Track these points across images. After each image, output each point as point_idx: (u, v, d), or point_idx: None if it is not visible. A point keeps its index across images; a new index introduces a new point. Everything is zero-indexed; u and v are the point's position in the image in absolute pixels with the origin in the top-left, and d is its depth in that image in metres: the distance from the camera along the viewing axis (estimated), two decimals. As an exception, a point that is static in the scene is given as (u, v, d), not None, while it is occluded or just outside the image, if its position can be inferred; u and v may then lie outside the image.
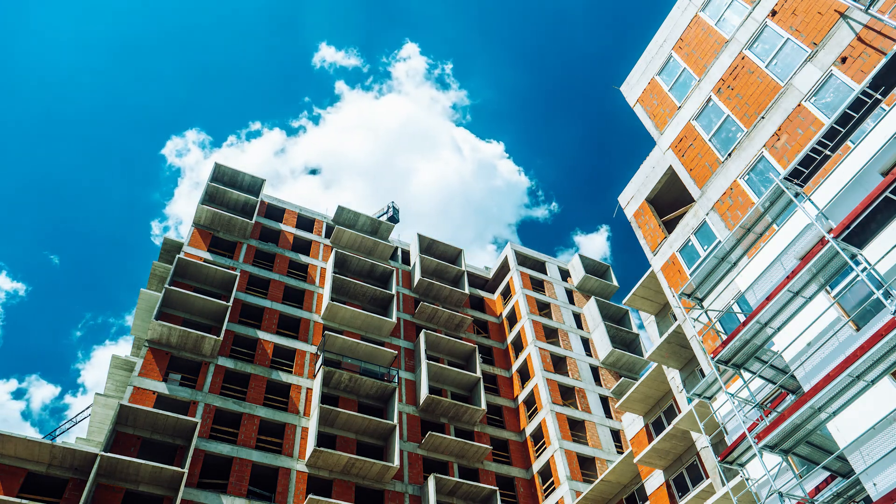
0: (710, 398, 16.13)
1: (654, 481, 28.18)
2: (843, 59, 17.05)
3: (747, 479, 14.22)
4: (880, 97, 12.81)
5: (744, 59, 20.68)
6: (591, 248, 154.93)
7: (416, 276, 48.02)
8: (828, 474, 13.36)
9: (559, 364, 45.25)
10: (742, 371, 14.69)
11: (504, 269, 53.90)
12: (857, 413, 11.62)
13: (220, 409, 32.99)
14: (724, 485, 23.18)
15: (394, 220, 54.85)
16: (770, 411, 14.97)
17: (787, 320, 13.31)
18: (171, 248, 41.54)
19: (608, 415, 43.40)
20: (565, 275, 54.87)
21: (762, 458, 13.42)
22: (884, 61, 12.65)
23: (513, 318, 49.83)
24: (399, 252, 51.46)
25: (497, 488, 35.62)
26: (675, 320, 26.05)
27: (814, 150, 13.72)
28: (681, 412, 27.09)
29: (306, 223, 49.07)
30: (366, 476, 33.62)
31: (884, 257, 11.58)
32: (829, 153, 13.73)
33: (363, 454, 35.87)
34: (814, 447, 12.98)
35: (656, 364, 27.62)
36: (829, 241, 11.87)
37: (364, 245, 47.92)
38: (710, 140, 21.45)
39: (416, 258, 49.62)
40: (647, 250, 24.44)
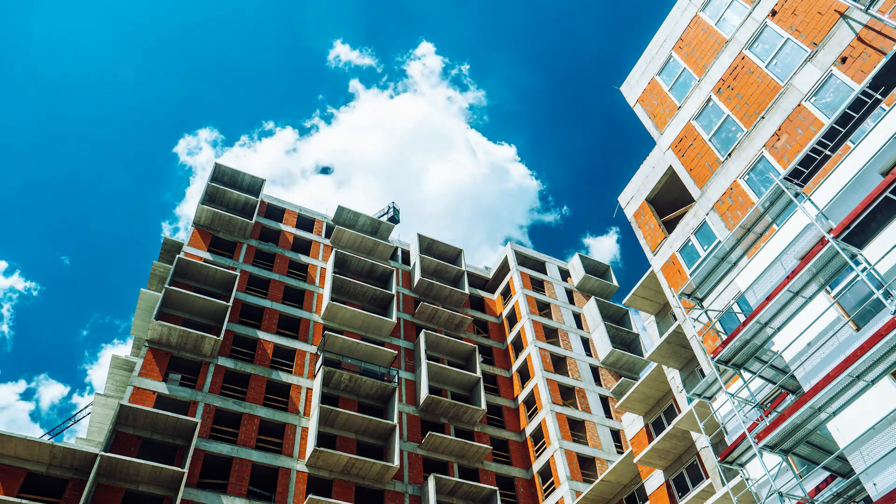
0: (710, 398, 16.13)
1: (654, 481, 28.18)
2: (843, 59, 17.05)
3: (747, 479, 14.22)
4: (880, 97, 12.81)
5: (744, 59, 20.68)
6: (601, 250, 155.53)
7: (416, 276, 48.02)
8: (828, 474, 13.36)
9: (559, 364, 45.25)
10: (742, 371, 14.69)
11: (504, 269, 53.90)
12: (857, 413, 11.62)
13: (220, 409, 32.99)
14: (724, 485, 23.19)
15: (394, 220, 54.84)
16: (770, 411, 14.97)
17: (787, 320, 13.31)
18: (171, 248, 41.53)
19: (608, 415, 43.39)
20: (565, 275, 54.87)
21: (762, 458, 13.42)
22: (884, 61, 12.65)
23: (513, 318, 49.83)
24: (399, 252, 51.46)
25: (497, 488, 35.62)
26: (675, 320, 26.05)
27: (814, 150, 13.72)
28: (681, 412, 27.08)
29: (306, 223, 49.07)
30: (366, 476, 33.62)
31: (884, 257, 11.58)
32: (829, 153, 13.73)
33: (363, 454, 35.87)
34: (814, 447, 12.98)
35: (656, 364, 27.62)
36: (829, 241, 11.87)
37: (364, 245, 47.92)
38: (710, 140, 21.45)
39: (416, 258, 49.62)
40: (647, 250, 24.44)
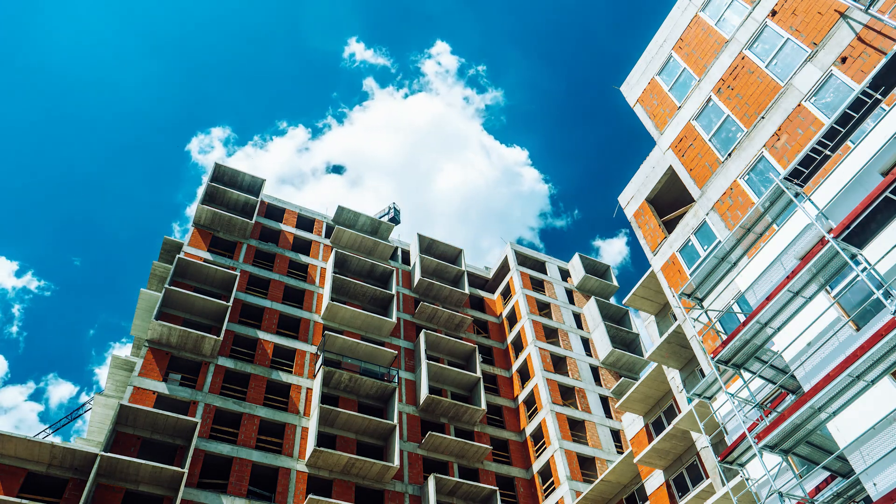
0: (710, 398, 16.12)
1: (654, 481, 28.18)
2: (843, 59, 17.05)
3: (747, 479, 14.22)
4: (880, 97, 12.81)
5: (744, 59, 20.68)
6: (611, 252, 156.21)
7: (416, 276, 48.02)
8: (828, 474, 13.35)
9: (559, 364, 45.25)
10: (742, 371, 14.69)
11: (504, 269, 53.90)
12: (857, 413, 11.62)
13: (220, 409, 32.99)
14: (724, 485, 23.18)
15: (395, 221, 54.82)
16: (770, 411, 14.97)
17: (787, 320, 13.31)
18: (171, 248, 41.53)
19: (608, 415, 43.39)
20: (565, 275, 54.87)
21: (762, 458, 13.41)
22: (884, 61, 12.65)
23: (513, 318, 49.82)
24: (399, 252, 51.45)
25: (497, 488, 35.62)
26: (675, 320, 26.05)
27: (814, 150, 13.72)
28: (681, 412, 27.08)
29: (306, 223, 49.06)
30: (366, 476, 33.62)
31: (884, 257, 11.58)
32: (829, 153, 13.73)
33: (363, 454, 35.87)
34: (814, 447, 12.98)
35: (656, 364, 27.62)
36: (829, 241, 11.87)
37: (364, 245, 47.92)
38: (710, 140, 21.45)
39: (416, 258, 49.62)
40: (647, 250, 24.44)
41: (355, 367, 38.09)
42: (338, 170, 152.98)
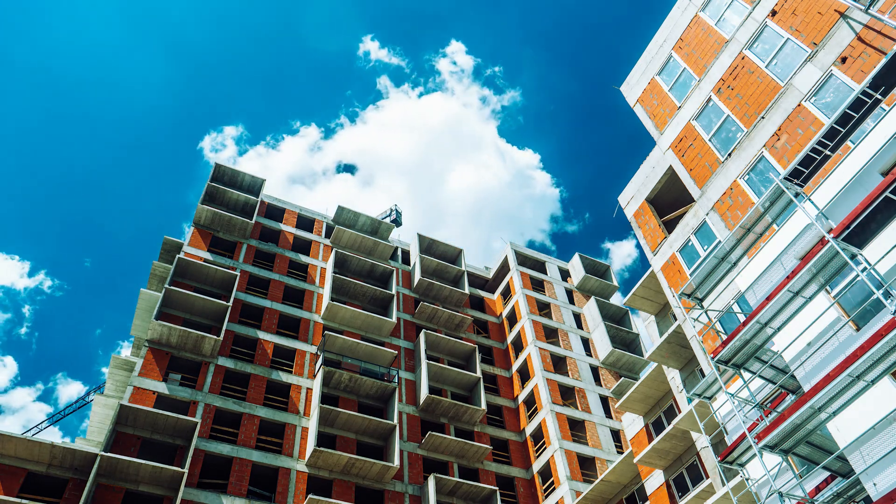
0: (710, 398, 16.12)
1: (654, 481, 28.18)
2: (843, 59, 17.05)
3: (747, 479, 14.22)
4: (880, 97, 12.81)
5: (744, 59, 20.67)
6: (621, 255, 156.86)
7: (416, 276, 48.02)
8: (828, 474, 13.35)
9: (559, 364, 45.25)
10: (742, 371, 14.69)
11: (504, 269, 53.90)
12: (857, 413, 11.62)
13: (220, 409, 32.99)
14: (724, 485, 23.18)
15: (396, 223, 54.79)
16: (770, 411, 14.97)
17: (787, 320, 13.31)
18: (170, 248, 41.53)
19: (608, 415, 43.39)
20: (565, 275, 54.87)
21: (762, 458, 13.41)
22: (884, 61, 12.65)
23: (513, 318, 49.82)
24: (399, 252, 51.45)
25: (497, 488, 35.62)
26: (675, 320, 26.04)
27: (814, 150, 13.72)
28: (681, 412, 27.08)
29: (306, 223, 49.06)
30: (366, 476, 33.61)
31: (884, 257, 11.58)
32: (829, 153, 13.73)
33: (363, 454, 35.87)
34: (814, 447, 12.98)
35: (656, 364, 27.62)
36: (829, 241, 11.87)
37: (364, 245, 47.92)
38: (710, 140, 21.45)
39: (416, 258, 49.62)
40: (647, 250, 24.44)
41: (355, 367, 38.09)
42: (350, 169, 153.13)
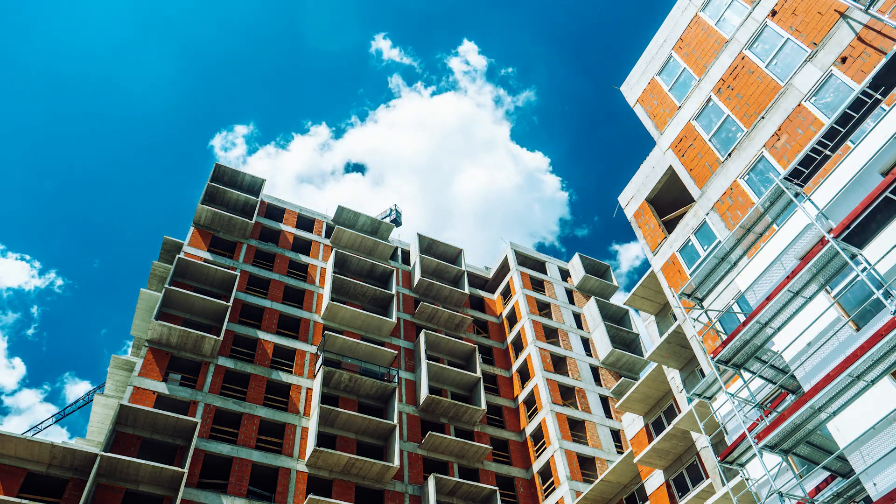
0: (710, 398, 16.12)
1: (654, 481, 28.18)
2: (843, 59, 17.05)
3: (747, 479, 14.22)
4: (880, 97, 12.81)
5: (744, 59, 20.67)
6: (628, 256, 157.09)
7: (416, 276, 48.02)
8: (828, 474, 13.35)
9: (559, 364, 45.25)
10: (742, 371, 14.68)
11: (504, 269, 53.89)
12: (857, 413, 11.62)
13: (220, 409, 32.99)
14: (724, 485, 23.18)
15: (396, 223, 54.79)
16: (770, 411, 14.97)
17: (787, 320, 13.31)
18: (170, 248, 41.54)
19: (608, 415, 43.38)
20: (565, 275, 54.86)
21: (762, 458, 13.41)
22: (884, 61, 12.65)
23: (513, 318, 49.82)
24: (399, 252, 51.45)
25: (497, 488, 35.61)
26: (675, 320, 26.04)
27: (814, 150, 13.72)
28: (681, 412, 27.08)
29: (306, 223, 49.06)
30: (366, 476, 33.61)
31: (884, 257, 11.58)
32: (829, 153, 13.73)
33: (363, 454, 35.87)
34: (814, 447, 12.98)
35: (656, 364, 27.61)
36: (829, 241, 11.87)
37: (364, 245, 47.92)
38: (710, 140, 21.45)
39: (416, 258, 49.61)
40: (647, 250, 24.44)
41: (355, 367, 38.09)
42: (359, 169, 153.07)
